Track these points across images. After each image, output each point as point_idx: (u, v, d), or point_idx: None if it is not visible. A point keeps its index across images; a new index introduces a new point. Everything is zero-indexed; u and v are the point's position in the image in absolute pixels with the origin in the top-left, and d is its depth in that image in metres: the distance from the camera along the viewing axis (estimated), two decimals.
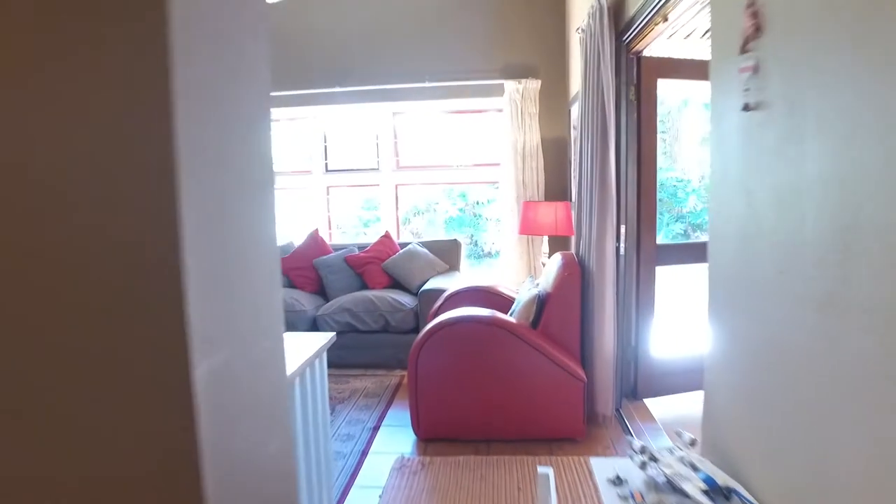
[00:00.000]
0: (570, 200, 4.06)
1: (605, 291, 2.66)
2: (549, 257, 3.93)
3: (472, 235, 9.13)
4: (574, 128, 4.06)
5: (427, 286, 3.88)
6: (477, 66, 4.58)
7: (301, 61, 4.74)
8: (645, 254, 2.94)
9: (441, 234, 6.99)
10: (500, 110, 4.58)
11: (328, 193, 5.03)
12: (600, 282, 2.68)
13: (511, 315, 2.91)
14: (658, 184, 2.96)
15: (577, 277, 2.72)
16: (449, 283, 3.93)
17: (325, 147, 4.97)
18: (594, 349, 2.76)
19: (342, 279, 4.24)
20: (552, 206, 3.70)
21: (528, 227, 3.80)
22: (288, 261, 4.38)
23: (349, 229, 6.63)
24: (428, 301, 3.75)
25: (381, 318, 3.86)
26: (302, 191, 5.06)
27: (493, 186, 5.98)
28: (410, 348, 2.70)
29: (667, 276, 3.08)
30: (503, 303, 3.32)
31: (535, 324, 2.78)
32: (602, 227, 2.64)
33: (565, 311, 2.73)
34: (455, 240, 4.52)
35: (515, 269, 4.55)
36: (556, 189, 4.59)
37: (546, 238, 3.91)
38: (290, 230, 5.27)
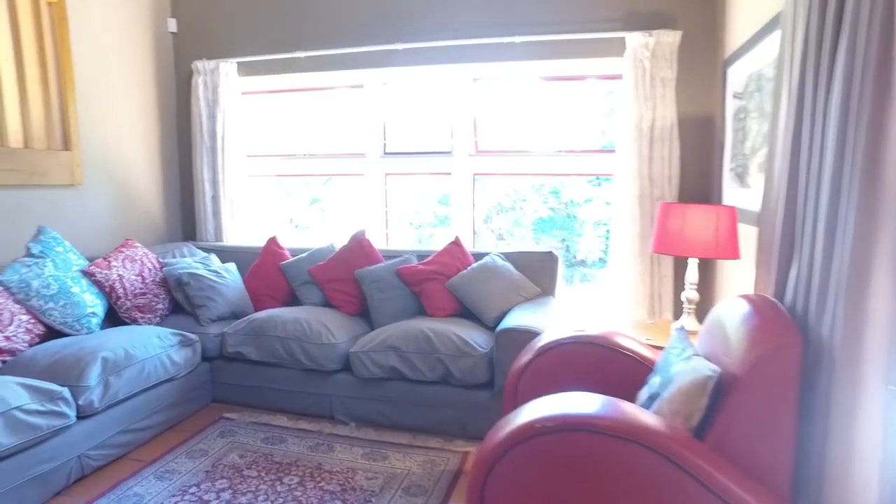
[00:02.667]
0: (718, 203, 2.72)
1: (865, 379, 1.35)
2: (696, 290, 2.61)
3: (563, 240, 7.79)
4: (737, 96, 2.71)
5: (510, 321, 2.68)
6: (586, 14, 3.31)
7: (350, 10, 3.66)
8: None
9: (529, 239, 5.66)
10: (618, 76, 3.29)
11: (386, 183, 3.93)
12: (852, 361, 1.36)
13: (652, 405, 1.66)
14: None
15: (796, 351, 1.43)
16: (541, 319, 2.71)
17: (384, 123, 3.86)
18: (829, 487, 1.45)
19: (392, 300, 3.13)
20: (711, 211, 2.38)
21: (667, 242, 2.50)
22: (324, 270, 3.32)
23: (410, 230, 5.48)
24: (510, 345, 2.56)
25: (440, 365, 2.70)
26: (355, 179, 4.00)
27: (595, 183, 4.65)
28: (479, 444, 1.52)
29: None
30: (629, 369, 2.07)
31: (700, 430, 1.52)
32: (864, 257, 1.32)
33: (768, 412, 1.45)
34: (550, 252, 3.28)
35: (632, 297, 3.26)
36: (698, 187, 3.24)
37: (695, 261, 2.59)
38: (336, 229, 4.23)
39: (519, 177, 4.02)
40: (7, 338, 2.48)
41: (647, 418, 1.47)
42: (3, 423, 2.01)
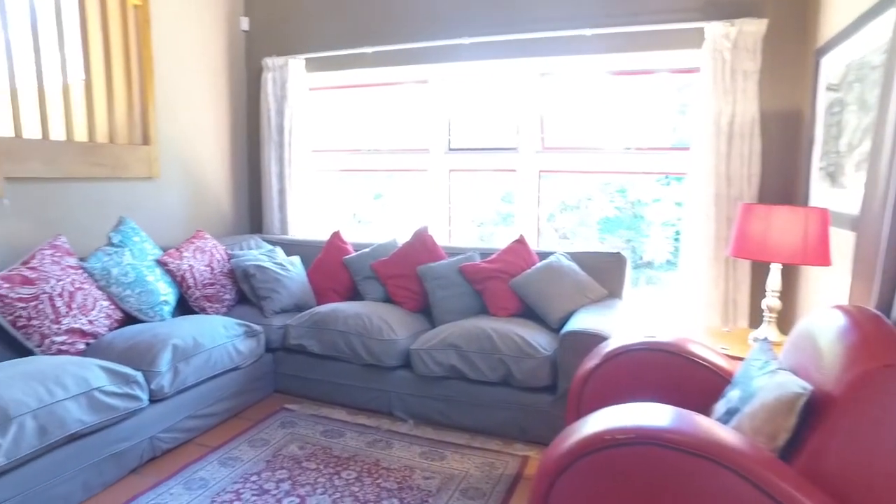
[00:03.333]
0: (804, 204, 2.51)
1: None
2: (778, 298, 2.43)
3: (629, 241, 7.53)
4: (831, 88, 2.50)
5: (575, 324, 2.59)
6: (662, 5, 3.15)
7: (418, 5, 3.64)
8: None
9: (593, 239, 5.51)
10: (693, 69, 3.12)
11: (450, 179, 3.90)
12: None
13: (731, 420, 1.55)
14: None
15: None
16: (609, 322, 2.60)
17: (449, 119, 3.83)
18: None
19: (454, 297, 3.09)
20: (799, 213, 2.20)
21: (747, 246, 2.33)
22: (386, 265, 3.32)
23: (472, 227, 5.43)
24: (574, 349, 2.47)
25: (502, 366, 2.64)
26: (418, 174, 3.98)
27: (664, 182, 4.44)
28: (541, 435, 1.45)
29: None
30: (704, 380, 1.95)
31: (786, 452, 1.40)
32: None
33: (871, 438, 1.31)
34: (618, 253, 3.16)
35: (703, 303, 3.09)
36: (780, 187, 3.03)
37: (778, 267, 2.41)
38: (398, 224, 4.23)
39: (585, 175, 3.89)
40: (90, 321, 2.60)
41: (727, 435, 1.36)
42: (86, 402, 2.11)
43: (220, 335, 2.79)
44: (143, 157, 3.41)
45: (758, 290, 2.95)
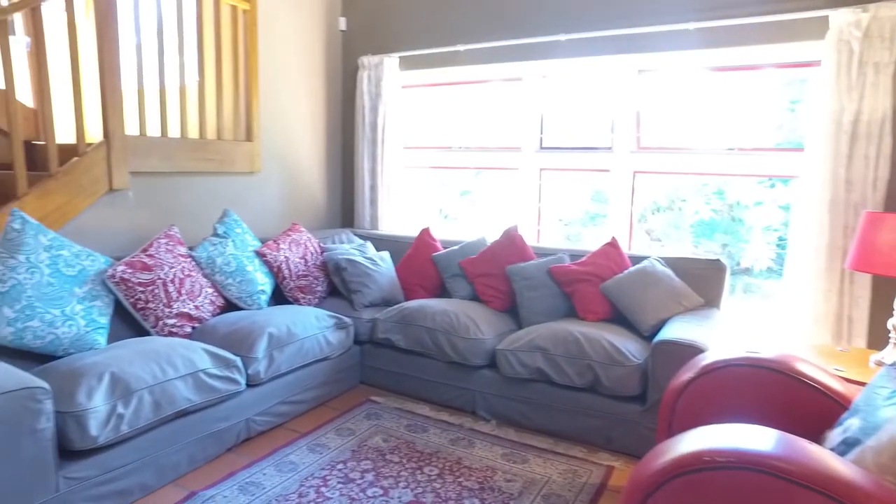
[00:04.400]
0: None
1: None
2: None
3: (725, 245, 7.09)
4: None
5: (668, 333, 2.47)
6: None
7: (513, 2, 3.59)
8: None
9: (686, 242, 5.25)
10: (812, 63, 2.87)
11: (540, 178, 3.84)
12: None
13: (850, 452, 1.41)
14: None
15: None
16: (706, 333, 2.46)
17: (542, 117, 3.76)
18: None
19: (542, 299, 3.04)
20: None
21: (871, 259, 2.12)
22: (475, 264, 3.32)
23: (559, 226, 5.33)
24: (668, 359, 2.36)
25: (589, 372, 2.57)
26: (510, 172, 3.95)
27: (768, 184, 4.15)
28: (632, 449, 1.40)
29: None
30: (814, 404, 1.80)
31: None
32: None
33: None
34: (717, 261, 2.98)
35: (812, 317, 2.85)
36: None
37: None
38: (485, 221, 4.22)
39: (681, 175, 3.70)
40: (196, 307, 2.79)
41: (846, 469, 1.24)
42: (192, 383, 2.27)
43: (313, 326, 2.90)
44: (246, 153, 3.61)
45: (879, 308, 2.69)
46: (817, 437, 1.66)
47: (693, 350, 2.29)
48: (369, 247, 3.62)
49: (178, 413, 2.24)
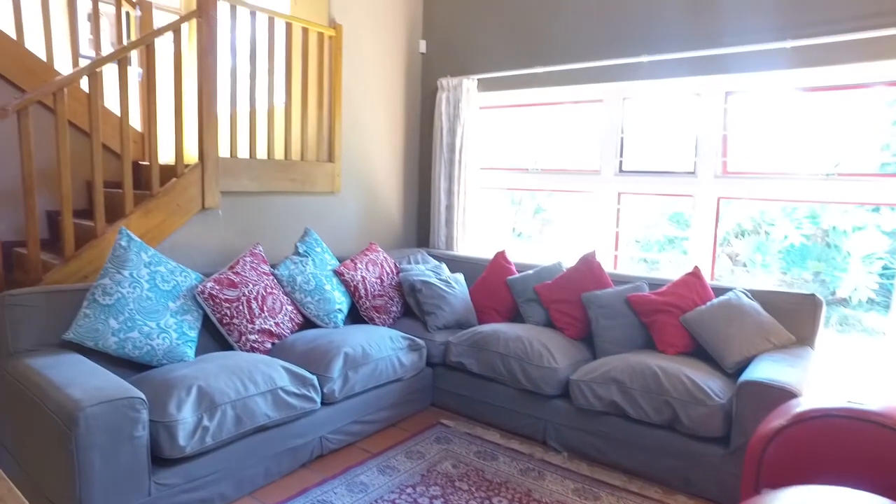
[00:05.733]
0: None
1: None
2: None
3: (818, 273, 6.63)
4: None
5: (756, 372, 2.33)
6: (885, 6, 2.72)
7: (593, 23, 3.54)
8: None
9: (774, 269, 4.97)
10: None
11: (619, 202, 3.74)
12: None
13: None
14: None
15: None
16: (798, 375, 2.30)
17: (622, 139, 3.67)
18: None
19: (619, 328, 2.95)
20: None
21: None
22: (550, 289, 3.27)
23: (636, 249, 5.19)
24: (755, 401, 2.22)
25: (668, 409, 2.46)
26: (587, 195, 3.88)
27: (871, 208, 3.88)
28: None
29: None
30: None
31: None
32: None
33: None
34: (812, 296, 2.80)
35: None
36: None
37: None
38: (559, 243, 4.15)
39: (769, 202, 3.50)
40: (277, 324, 2.90)
41: None
42: (271, 399, 2.36)
43: (387, 347, 2.95)
44: (327, 173, 3.74)
45: None
46: None
47: (784, 394, 2.15)
48: (444, 268, 3.65)
49: (258, 428, 2.33)
